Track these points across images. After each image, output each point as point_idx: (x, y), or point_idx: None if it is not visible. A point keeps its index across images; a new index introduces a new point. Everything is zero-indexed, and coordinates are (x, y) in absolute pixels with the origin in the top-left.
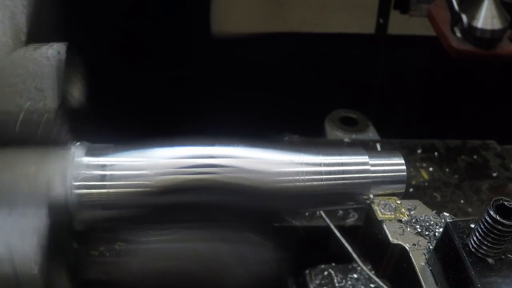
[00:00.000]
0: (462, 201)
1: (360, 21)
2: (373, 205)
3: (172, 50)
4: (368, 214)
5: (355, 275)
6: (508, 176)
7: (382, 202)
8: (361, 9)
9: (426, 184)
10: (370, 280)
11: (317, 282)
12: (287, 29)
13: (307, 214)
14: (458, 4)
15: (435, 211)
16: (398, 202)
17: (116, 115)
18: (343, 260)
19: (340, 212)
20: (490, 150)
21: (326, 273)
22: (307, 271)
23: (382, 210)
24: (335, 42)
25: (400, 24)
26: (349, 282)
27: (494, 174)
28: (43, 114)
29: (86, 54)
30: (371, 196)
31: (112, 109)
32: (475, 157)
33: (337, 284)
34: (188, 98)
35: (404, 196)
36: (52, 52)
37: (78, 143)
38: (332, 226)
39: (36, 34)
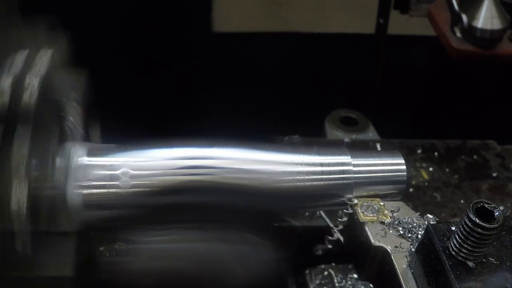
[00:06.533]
0: (462, 201)
1: (360, 21)
2: (355, 207)
3: (172, 50)
4: (351, 216)
5: (355, 275)
6: (508, 176)
7: (364, 204)
8: (361, 9)
9: (426, 184)
10: None
11: (317, 282)
12: (287, 29)
13: (307, 214)
14: (458, 4)
15: (418, 213)
16: (381, 203)
17: (116, 115)
18: (343, 260)
19: (340, 212)
20: (490, 150)
21: (326, 273)
22: (307, 271)
23: (364, 212)
24: (335, 42)
25: (400, 24)
26: (349, 282)
27: (494, 174)
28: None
29: (86, 55)
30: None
31: (112, 109)
32: (475, 157)
33: (337, 284)
34: (188, 98)
35: (404, 196)
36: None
37: (79, 143)
38: (332, 226)
39: None
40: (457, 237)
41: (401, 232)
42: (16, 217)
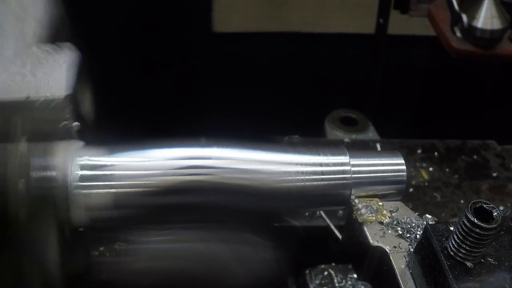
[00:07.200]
0: (462, 201)
1: (360, 21)
2: (354, 207)
3: (172, 50)
4: (349, 216)
5: (355, 275)
6: (508, 176)
7: (363, 204)
8: (361, 9)
9: (426, 184)
10: None
11: (317, 282)
12: (288, 29)
13: (307, 214)
14: (458, 4)
15: (417, 213)
16: (380, 204)
17: (116, 115)
18: (343, 260)
19: (340, 212)
20: (490, 150)
21: (326, 273)
22: (307, 271)
23: (363, 212)
24: (335, 42)
25: (400, 24)
26: (349, 282)
27: (494, 174)
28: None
29: (86, 55)
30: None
31: (112, 109)
32: (475, 157)
33: (337, 284)
34: (188, 98)
35: (404, 196)
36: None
37: (79, 142)
38: (332, 226)
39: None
40: (455, 237)
41: (400, 232)
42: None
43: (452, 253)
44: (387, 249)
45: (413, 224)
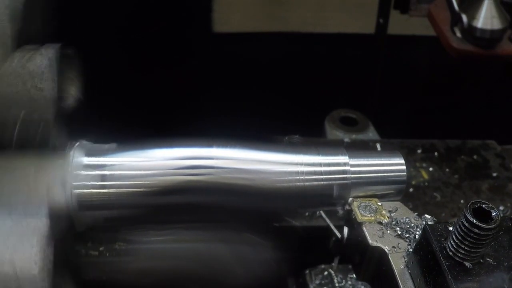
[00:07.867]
0: (462, 201)
1: (360, 21)
2: (353, 207)
3: (172, 50)
4: (348, 216)
5: (355, 275)
6: (508, 176)
7: (362, 204)
8: (361, 9)
9: (426, 184)
10: None
11: (317, 282)
12: (288, 29)
13: (307, 214)
14: (458, 4)
15: (416, 213)
16: (379, 204)
17: (116, 115)
18: (343, 260)
19: (340, 212)
20: (490, 150)
21: (326, 273)
22: (307, 271)
23: (362, 212)
24: (335, 42)
25: (400, 24)
26: (349, 282)
27: (494, 174)
28: (43, 116)
29: (86, 54)
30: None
31: (112, 109)
32: (475, 157)
33: (337, 284)
34: (188, 98)
35: (404, 196)
36: (50, 52)
37: (78, 143)
38: (332, 226)
39: (27, 36)
40: (454, 237)
41: (399, 233)
42: None
43: (451, 253)
44: (386, 249)
45: (412, 224)
